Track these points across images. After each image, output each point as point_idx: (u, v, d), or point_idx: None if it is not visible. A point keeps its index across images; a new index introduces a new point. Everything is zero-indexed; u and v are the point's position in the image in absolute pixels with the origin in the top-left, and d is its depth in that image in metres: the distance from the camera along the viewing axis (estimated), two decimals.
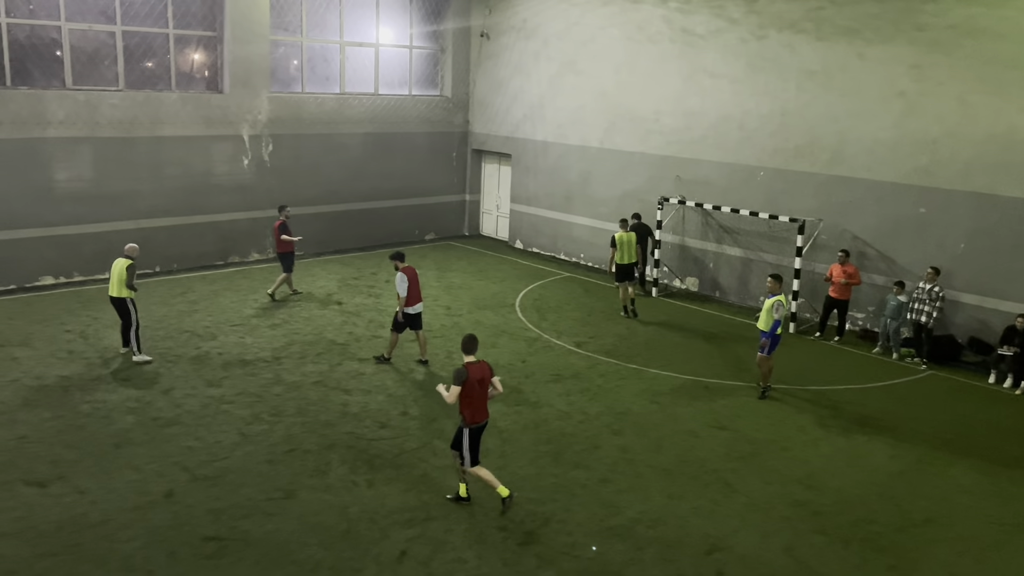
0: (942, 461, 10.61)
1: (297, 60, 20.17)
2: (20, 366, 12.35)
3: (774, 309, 11.98)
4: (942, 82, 14.50)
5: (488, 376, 8.72)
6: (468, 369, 8.53)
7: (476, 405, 8.66)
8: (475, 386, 8.55)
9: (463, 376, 8.48)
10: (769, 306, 12.02)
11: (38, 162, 16.27)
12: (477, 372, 8.59)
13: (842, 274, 15.01)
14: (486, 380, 8.69)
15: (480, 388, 8.61)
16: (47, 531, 8.14)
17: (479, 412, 8.72)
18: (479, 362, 8.70)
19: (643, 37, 18.85)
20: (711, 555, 8.25)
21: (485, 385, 8.68)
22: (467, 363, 8.61)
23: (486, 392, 8.74)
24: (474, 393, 8.58)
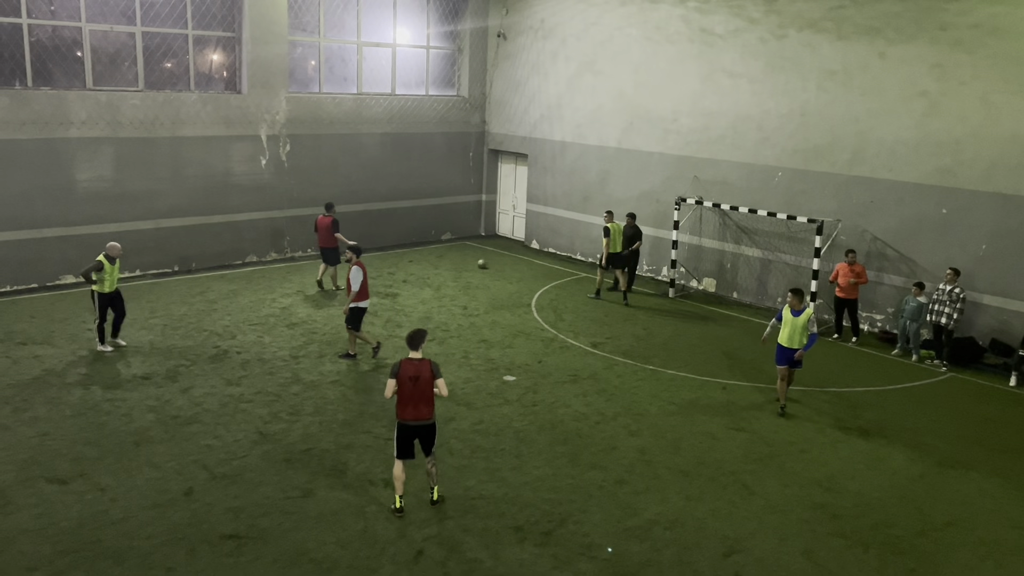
0: (963, 464, 10.50)
1: (315, 60, 20.25)
2: (42, 364, 12.47)
3: (811, 323, 11.47)
4: (965, 82, 14.35)
5: (426, 376, 8.42)
6: (401, 365, 8.42)
7: (403, 402, 8.47)
8: (405, 382, 8.38)
9: (394, 370, 8.43)
10: (804, 322, 11.40)
11: (60, 162, 16.44)
12: (411, 369, 8.40)
13: (849, 273, 14.87)
14: (423, 379, 8.41)
15: (412, 386, 8.38)
16: (68, 528, 8.21)
17: (405, 409, 8.48)
18: (421, 360, 8.47)
19: (661, 37, 18.78)
20: (729, 557, 8.21)
21: (422, 385, 8.41)
22: (405, 359, 8.49)
23: (422, 392, 8.43)
24: (403, 390, 8.41)
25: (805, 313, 11.45)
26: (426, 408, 8.52)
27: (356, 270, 12.73)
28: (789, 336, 11.53)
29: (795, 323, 11.48)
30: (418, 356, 8.51)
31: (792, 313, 11.52)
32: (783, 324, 11.63)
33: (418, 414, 8.50)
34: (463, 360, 13.39)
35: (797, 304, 11.52)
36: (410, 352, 8.52)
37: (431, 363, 8.52)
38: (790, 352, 11.58)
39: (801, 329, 11.45)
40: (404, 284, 17.94)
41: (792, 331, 11.51)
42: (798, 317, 11.46)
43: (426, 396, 8.48)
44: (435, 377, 8.49)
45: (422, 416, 8.52)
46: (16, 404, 11.00)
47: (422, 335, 8.63)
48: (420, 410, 8.50)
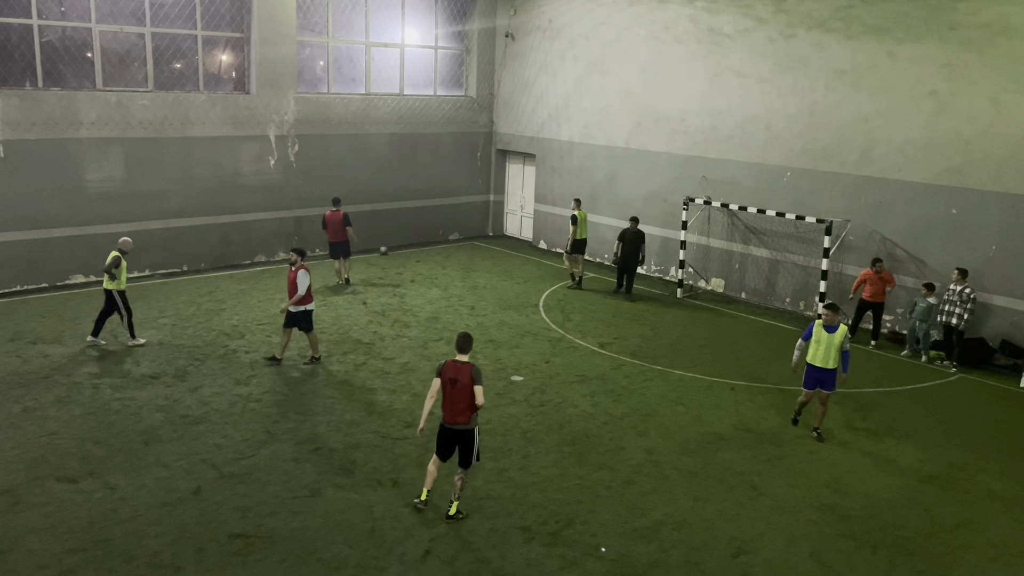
0: (973, 466, 10.45)
1: (323, 61, 20.30)
2: (51, 363, 12.54)
3: (845, 341, 10.58)
4: (974, 81, 14.29)
5: (465, 380, 8.31)
6: (444, 365, 8.40)
7: (445, 405, 8.42)
8: (446, 384, 8.35)
9: (438, 370, 8.41)
10: (840, 340, 10.52)
11: (70, 162, 16.52)
12: (452, 371, 8.34)
13: (878, 282, 14.75)
14: (462, 383, 8.30)
15: (452, 388, 8.32)
16: (77, 527, 8.25)
17: (445, 411, 8.43)
18: (464, 364, 8.38)
19: (670, 37, 18.76)
20: (737, 558, 8.19)
21: (459, 389, 8.30)
22: (450, 360, 8.46)
23: (459, 396, 8.32)
24: (444, 391, 8.38)
25: (840, 330, 10.55)
26: (462, 413, 8.36)
27: (303, 273, 12.48)
28: (823, 355, 10.60)
29: (830, 341, 10.54)
30: (463, 359, 8.40)
31: (826, 329, 10.59)
32: (814, 342, 10.67)
33: (454, 418, 8.39)
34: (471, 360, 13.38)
35: (832, 319, 10.57)
36: (457, 355, 8.46)
37: (473, 368, 8.37)
38: (821, 373, 10.69)
39: (836, 348, 10.55)
40: (412, 284, 17.97)
41: (826, 350, 10.57)
42: (833, 334, 10.54)
43: (463, 401, 8.34)
44: (474, 383, 8.32)
45: (457, 421, 8.40)
46: (26, 403, 11.06)
47: (471, 340, 8.55)
48: (456, 414, 8.37)
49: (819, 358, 10.65)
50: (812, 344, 10.70)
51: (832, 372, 10.68)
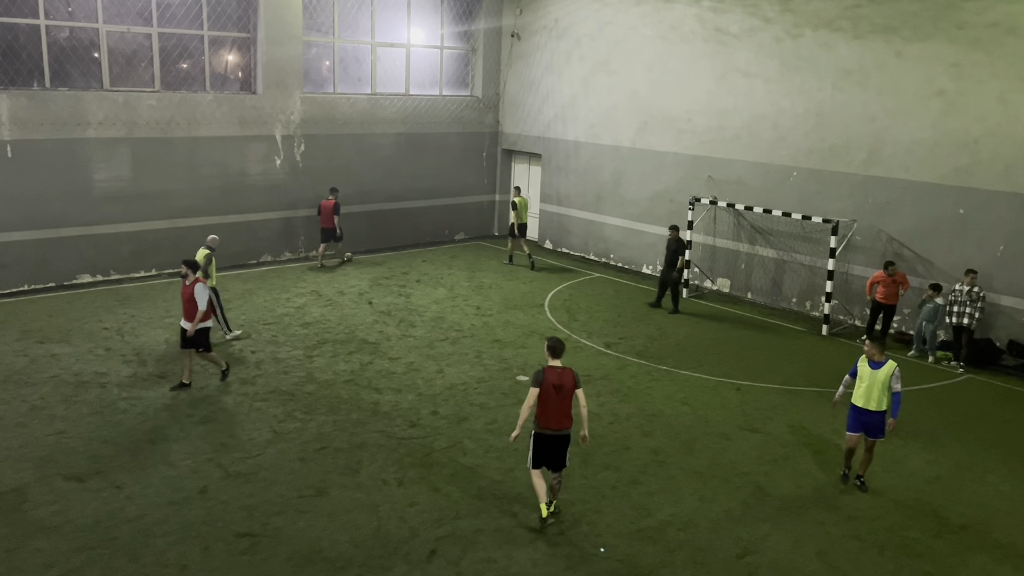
0: (980, 466, 10.41)
1: (329, 61, 20.32)
2: (59, 363, 12.58)
3: (893, 379, 9.30)
4: (983, 81, 14.23)
5: (569, 384, 8.30)
6: (545, 372, 8.28)
7: (545, 409, 8.31)
8: (550, 391, 8.24)
9: (539, 378, 8.25)
10: (887, 377, 9.26)
11: (77, 162, 16.57)
12: (555, 377, 8.27)
13: (891, 284, 14.67)
14: (567, 388, 8.28)
15: (556, 395, 8.25)
16: (84, 525, 8.28)
17: (550, 418, 8.32)
18: (563, 369, 8.36)
19: (676, 36, 18.73)
20: (743, 559, 8.17)
21: (564, 393, 8.28)
22: (547, 367, 8.36)
23: (564, 401, 8.30)
24: (548, 398, 8.26)
25: (887, 366, 9.31)
26: (567, 418, 8.36)
27: (201, 287, 11.35)
28: (866, 394, 9.36)
29: (875, 378, 9.30)
30: (559, 364, 8.39)
31: (870, 365, 9.36)
32: (858, 380, 9.46)
33: (560, 424, 8.36)
34: (476, 360, 13.40)
35: (877, 354, 9.36)
36: (551, 360, 8.39)
37: (574, 372, 8.40)
38: (867, 416, 9.41)
39: (882, 386, 9.27)
40: (417, 284, 17.98)
41: (870, 389, 9.33)
42: (878, 370, 9.30)
43: (568, 405, 8.33)
44: (577, 387, 8.35)
45: (564, 426, 8.38)
46: (33, 402, 11.10)
47: (563, 344, 8.50)
48: (562, 420, 8.35)
49: (863, 398, 9.39)
50: (857, 382, 9.48)
51: (879, 416, 9.36)
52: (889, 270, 14.71)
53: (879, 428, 9.40)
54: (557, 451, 8.49)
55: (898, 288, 14.73)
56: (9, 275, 16.07)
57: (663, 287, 16.93)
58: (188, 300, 11.41)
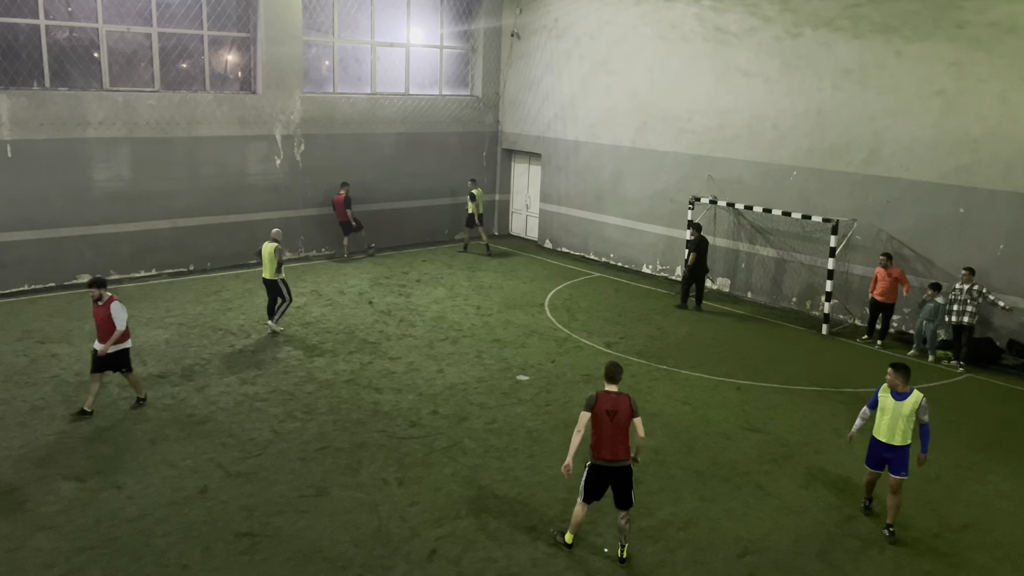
0: (980, 466, 10.41)
1: (329, 61, 20.32)
2: (60, 363, 12.58)
3: (920, 410, 8.43)
4: (983, 80, 14.23)
5: (625, 412, 7.76)
6: (598, 397, 7.78)
7: (600, 438, 7.78)
8: (603, 417, 7.73)
9: (591, 402, 7.76)
10: (912, 410, 8.41)
11: (77, 162, 16.57)
12: (608, 403, 7.75)
13: (887, 277, 14.71)
14: (622, 414, 7.74)
15: (610, 421, 7.72)
16: (85, 525, 8.28)
17: (604, 446, 7.79)
18: (619, 394, 7.83)
19: (676, 36, 18.72)
20: (743, 558, 8.17)
21: (620, 420, 7.73)
22: (601, 391, 7.86)
23: (620, 428, 7.75)
24: (601, 425, 7.75)
25: (913, 397, 8.43)
26: (623, 448, 7.83)
27: (118, 306, 10.49)
28: (889, 428, 8.50)
29: (898, 410, 8.46)
30: (615, 389, 7.87)
31: (893, 396, 8.51)
32: (880, 411, 8.63)
33: (615, 453, 7.80)
34: (476, 359, 13.40)
35: (901, 384, 8.47)
36: (606, 384, 7.89)
37: (630, 398, 7.88)
38: (887, 451, 8.57)
39: (906, 419, 8.45)
40: (417, 283, 17.98)
41: (893, 421, 8.49)
42: (902, 402, 8.44)
43: (624, 434, 7.80)
44: (634, 414, 7.83)
45: (619, 456, 7.82)
46: (34, 402, 11.10)
47: (621, 369, 7.99)
48: (617, 449, 7.79)
49: (886, 432, 8.54)
50: (879, 414, 8.65)
51: (902, 450, 8.50)
52: (882, 261, 14.72)
53: (902, 464, 8.51)
54: (616, 485, 7.92)
55: (896, 285, 14.72)
56: (9, 275, 16.07)
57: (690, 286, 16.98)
58: (104, 321, 10.42)
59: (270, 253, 13.96)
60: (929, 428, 8.59)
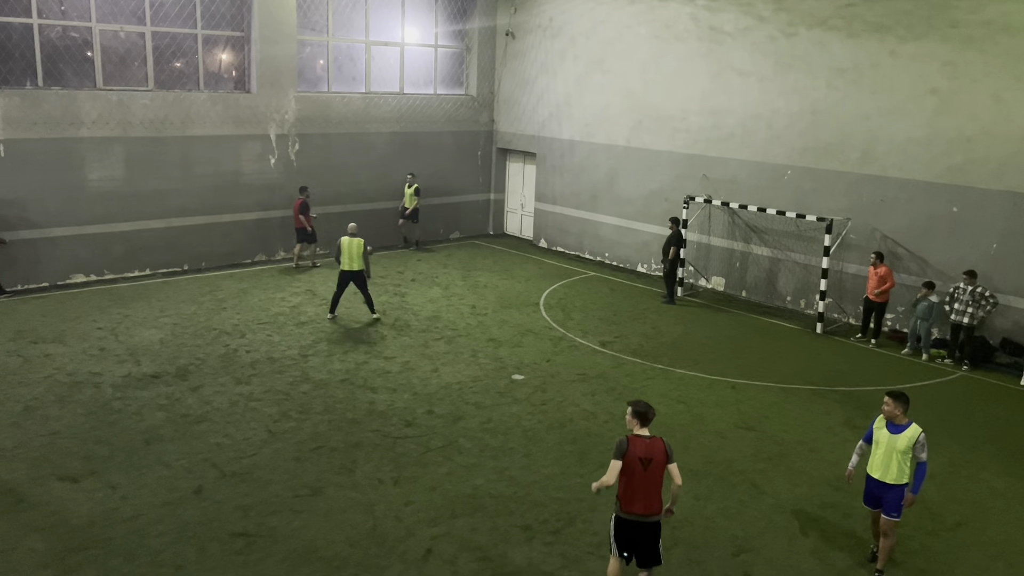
0: (974, 464, 10.44)
1: (323, 60, 20.29)
2: (53, 363, 12.54)
3: (917, 447, 7.59)
4: (976, 79, 14.27)
5: (660, 459, 6.80)
6: (630, 443, 6.82)
7: (632, 489, 6.81)
8: (635, 464, 6.76)
9: (622, 449, 6.80)
10: (907, 445, 7.58)
11: (71, 162, 16.52)
12: (642, 449, 6.79)
13: (874, 276, 14.77)
14: (656, 463, 6.79)
15: (643, 470, 6.75)
16: (79, 525, 8.26)
17: (635, 500, 6.82)
18: (652, 439, 6.87)
19: (670, 35, 18.74)
20: (738, 557, 8.19)
21: (653, 470, 6.78)
22: (632, 435, 6.90)
23: (654, 478, 6.78)
24: (634, 473, 6.77)
25: (910, 431, 7.61)
26: (657, 500, 6.85)
27: None
28: (882, 464, 7.72)
29: (892, 444, 7.64)
30: (647, 433, 6.91)
31: (888, 428, 7.70)
32: (874, 444, 7.83)
33: (649, 507, 6.83)
34: (472, 359, 13.40)
35: (899, 415, 7.65)
36: (636, 428, 6.93)
37: (665, 443, 6.91)
38: (879, 488, 7.81)
39: (901, 455, 7.63)
40: (412, 283, 17.96)
41: (887, 456, 7.68)
42: (897, 435, 7.62)
43: (658, 484, 6.82)
44: (669, 461, 6.86)
45: (652, 511, 6.85)
46: (27, 403, 11.06)
47: (653, 409, 7.04)
48: (651, 502, 6.83)
49: (877, 467, 7.78)
50: (873, 447, 7.86)
51: (895, 489, 7.70)
52: (872, 260, 14.78)
53: (895, 504, 7.71)
54: (645, 541, 6.97)
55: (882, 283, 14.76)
56: (3, 275, 16.00)
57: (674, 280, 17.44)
58: None
59: (358, 247, 14.63)
60: (926, 468, 7.71)
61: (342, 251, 14.74)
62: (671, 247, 17.02)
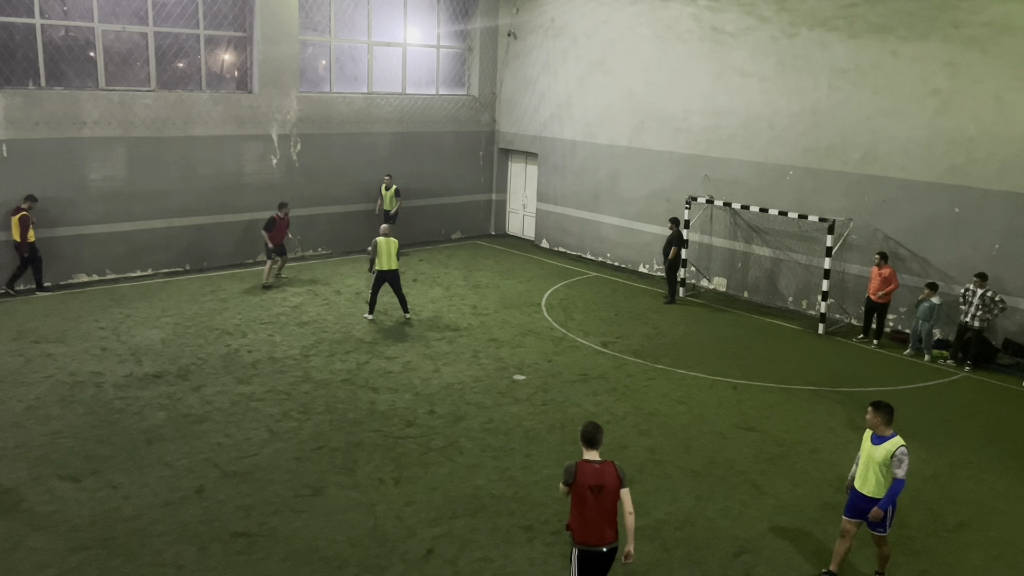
0: (976, 465, 10.43)
1: (325, 60, 20.30)
2: (55, 362, 12.55)
3: (894, 462, 7.34)
4: (978, 80, 14.26)
5: (612, 484, 6.37)
6: (578, 469, 6.39)
7: (586, 519, 6.38)
8: (586, 493, 6.33)
9: (570, 475, 6.38)
10: (885, 457, 7.36)
11: (73, 161, 16.53)
12: (591, 475, 6.35)
13: (877, 277, 14.75)
14: (608, 489, 6.35)
15: (595, 498, 6.33)
16: (80, 525, 8.27)
17: (589, 529, 6.38)
18: (603, 463, 6.43)
19: (672, 35, 18.74)
20: (739, 557, 8.18)
21: (606, 496, 6.36)
22: (581, 461, 6.46)
23: (608, 505, 6.38)
24: (585, 502, 6.36)
25: (890, 444, 7.38)
26: (611, 528, 6.44)
27: None
28: (863, 474, 7.57)
29: (871, 455, 7.46)
30: (597, 457, 6.49)
31: (872, 440, 7.52)
32: (860, 454, 7.72)
33: (602, 536, 6.40)
34: (473, 359, 13.40)
35: (881, 425, 7.46)
36: (585, 452, 6.51)
37: (617, 467, 6.47)
38: (861, 501, 7.60)
39: (879, 467, 7.42)
40: (414, 283, 17.97)
41: (866, 468, 7.53)
42: (878, 447, 7.44)
43: (612, 512, 6.42)
44: (621, 486, 6.43)
45: (607, 539, 6.42)
46: (29, 402, 11.07)
47: (601, 430, 6.58)
48: (604, 531, 6.41)
49: (860, 479, 7.60)
50: (861, 458, 7.71)
51: (873, 503, 7.56)
52: (876, 260, 14.76)
53: (879, 520, 7.54)
54: (601, 572, 6.55)
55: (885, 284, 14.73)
56: (4, 275, 16.02)
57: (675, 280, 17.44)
58: None
59: (395, 247, 14.88)
60: (902, 485, 7.36)
61: (379, 252, 14.78)
62: (671, 247, 17.03)
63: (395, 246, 14.94)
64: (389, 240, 14.93)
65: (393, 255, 14.89)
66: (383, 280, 15.03)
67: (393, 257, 14.89)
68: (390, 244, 14.88)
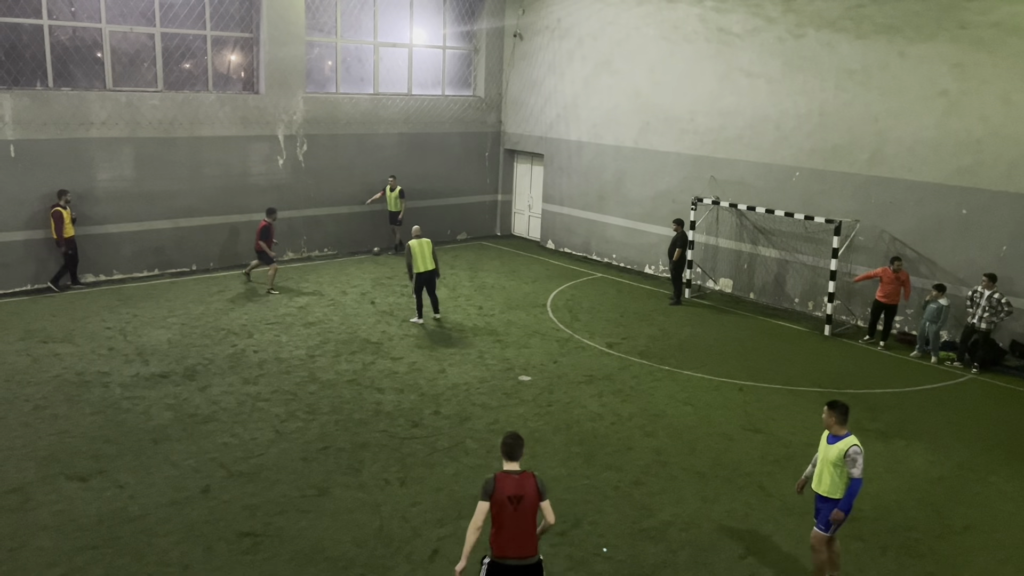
0: (983, 467, 10.39)
1: (332, 61, 20.33)
2: (62, 362, 12.60)
3: (847, 461, 7.22)
4: (986, 81, 14.21)
5: (532, 495, 6.27)
6: (497, 481, 6.27)
7: (501, 530, 6.26)
8: (505, 505, 6.20)
9: (488, 489, 6.25)
10: (837, 457, 7.27)
11: (80, 162, 16.59)
12: (511, 486, 6.25)
13: (894, 280, 14.67)
14: (528, 500, 6.25)
15: (514, 508, 6.21)
16: (87, 524, 8.29)
17: (507, 542, 6.26)
18: (522, 474, 6.33)
19: (678, 36, 18.72)
20: (745, 559, 8.17)
21: (526, 508, 6.24)
22: (500, 473, 6.35)
23: (527, 517, 6.26)
24: (503, 514, 6.22)
25: (841, 444, 7.29)
26: (531, 540, 6.31)
27: None
28: (818, 474, 7.52)
29: (826, 455, 7.41)
30: (516, 468, 6.39)
31: (827, 440, 7.45)
32: (819, 455, 7.62)
33: (522, 549, 6.26)
34: (478, 360, 13.41)
35: (835, 425, 7.38)
36: (505, 463, 6.42)
37: (537, 478, 6.37)
38: (818, 500, 7.60)
39: (832, 466, 7.33)
40: None
41: (821, 467, 7.48)
42: (831, 446, 7.37)
43: (531, 523, 6.31)
44: (542, 498, 6.34)
45: (527, 552, 6.29)
46: (36, 402, 11.12)
47: (521, 441, 6.45)
48: (524, 544, 6.27)
49: (815, 478, 7.59)
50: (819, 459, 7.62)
51: (827, 503, 7.48)
52: (895, 265, 14.69)
53: (823, 518, 7.47)
54: None
55: (900, 288, 14.69)
56: (12, 274, 16.09)
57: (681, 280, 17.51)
58: None
59: (429, 247, 14.78)
60: (859, 485, 7.25)
61: (415, 255, 14.63)
62: (675, 248, 17.01)
63: (429, 246, 14.80)
64: (422, 241, 14.83)
65: (428, 255, 14.76)
66: (423, 281, 14.86)
67: (428, 257, 14.75)
68: (423, 245, 14.77)
